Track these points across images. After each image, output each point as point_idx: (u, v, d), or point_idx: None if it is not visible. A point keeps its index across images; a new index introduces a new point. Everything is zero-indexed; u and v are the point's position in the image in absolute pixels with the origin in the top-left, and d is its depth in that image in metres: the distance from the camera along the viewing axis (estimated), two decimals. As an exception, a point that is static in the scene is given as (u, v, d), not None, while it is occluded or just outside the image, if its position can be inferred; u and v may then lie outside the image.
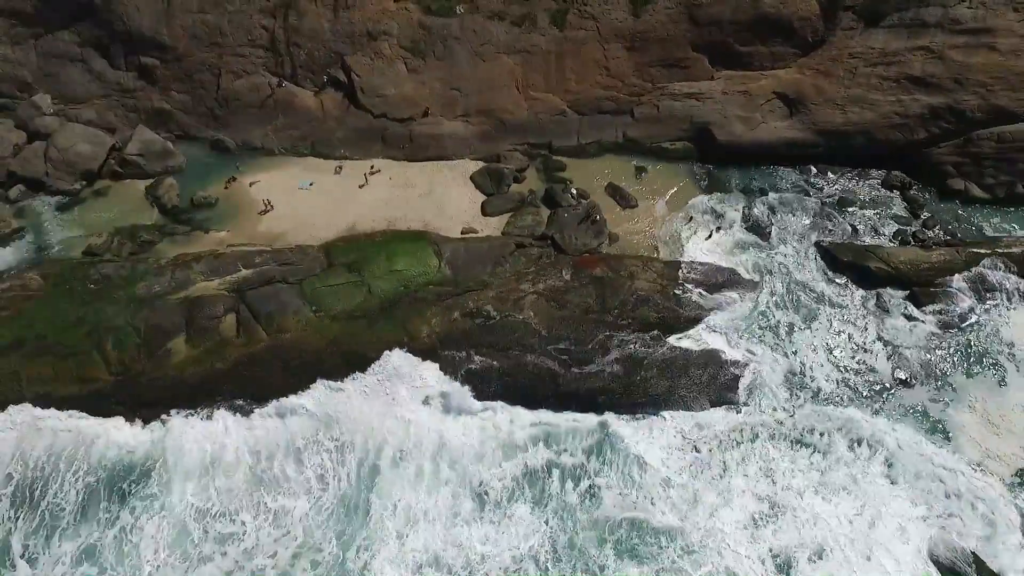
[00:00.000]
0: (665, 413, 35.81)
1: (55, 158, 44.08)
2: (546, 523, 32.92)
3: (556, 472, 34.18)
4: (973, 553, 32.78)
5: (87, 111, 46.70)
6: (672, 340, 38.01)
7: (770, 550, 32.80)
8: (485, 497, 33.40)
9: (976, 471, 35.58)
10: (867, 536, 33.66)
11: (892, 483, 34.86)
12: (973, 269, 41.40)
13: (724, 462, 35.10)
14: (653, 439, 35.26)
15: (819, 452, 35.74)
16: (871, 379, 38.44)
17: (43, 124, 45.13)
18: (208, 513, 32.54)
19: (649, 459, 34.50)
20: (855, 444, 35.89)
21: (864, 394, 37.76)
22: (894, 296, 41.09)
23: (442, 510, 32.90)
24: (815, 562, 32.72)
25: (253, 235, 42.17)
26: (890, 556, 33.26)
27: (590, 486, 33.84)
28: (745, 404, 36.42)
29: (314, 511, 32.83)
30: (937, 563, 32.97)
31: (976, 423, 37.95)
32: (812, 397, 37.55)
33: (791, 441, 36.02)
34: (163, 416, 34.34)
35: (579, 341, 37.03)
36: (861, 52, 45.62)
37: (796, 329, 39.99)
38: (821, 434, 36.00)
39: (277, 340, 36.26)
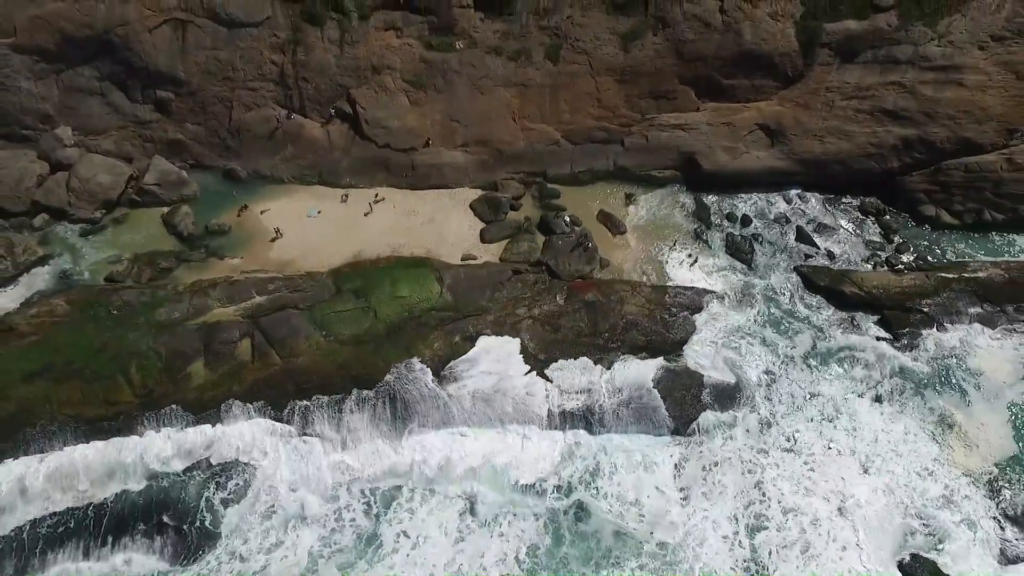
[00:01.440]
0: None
1: (77, 188, 46.53)
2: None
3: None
4: (932, 562, 35.57)
5: (106, 142, 49.12)
6: (659, 361, 40.77)
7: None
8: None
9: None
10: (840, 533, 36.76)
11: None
12: (943, 294, 44.42)
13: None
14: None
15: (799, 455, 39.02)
16: (847, 392, 41.53)
17: (65, 155, 47.52)
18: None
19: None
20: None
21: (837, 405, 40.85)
22: (866, 319, 44.02)
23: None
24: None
25: (265, 262, 44.71)
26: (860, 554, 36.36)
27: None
28: (725, 423, 39.29)
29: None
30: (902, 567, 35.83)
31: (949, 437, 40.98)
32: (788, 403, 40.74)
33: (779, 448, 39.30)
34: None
35: (571, 363, 39.77)
36: (838, 86, 48.33)
37: (776, 349, 42.82)
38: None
39: (290, 364, 38.79)
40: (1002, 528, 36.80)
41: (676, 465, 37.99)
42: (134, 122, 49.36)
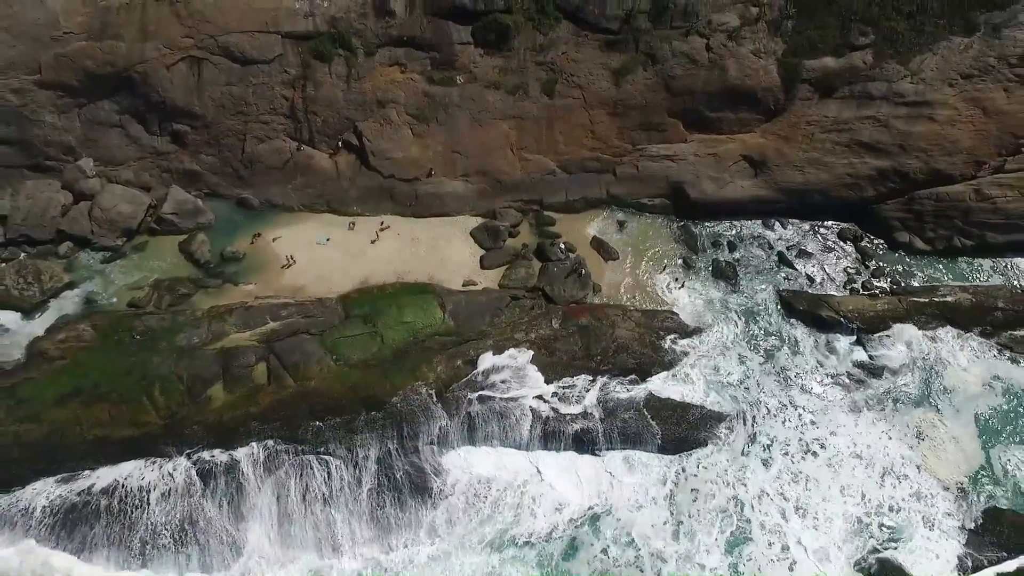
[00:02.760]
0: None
1: (99, 217, 49.18)
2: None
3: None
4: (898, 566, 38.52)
5: (125, 172, 51.77)
6: (648, 383, 43.63)
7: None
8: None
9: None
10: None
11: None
12: (915, 317, 47.34)
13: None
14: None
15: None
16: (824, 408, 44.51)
17: (88, 186, 50.15)
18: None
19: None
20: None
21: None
22: (842, 341, 46.93)
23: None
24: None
25: (278, 288, 47.41)
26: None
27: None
28: (711, 441, 42.17)
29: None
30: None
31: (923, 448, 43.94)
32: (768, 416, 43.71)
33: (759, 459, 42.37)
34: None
35: (566, 386, 42.59)
36: (817, 120, 51.18)
37: (758, 368, 45.72)
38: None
39: (303, 387, 41.49)
40: (963, 535, 39.73)
41: (668, 494, 41.00)
42: (152, 153, 52.06)
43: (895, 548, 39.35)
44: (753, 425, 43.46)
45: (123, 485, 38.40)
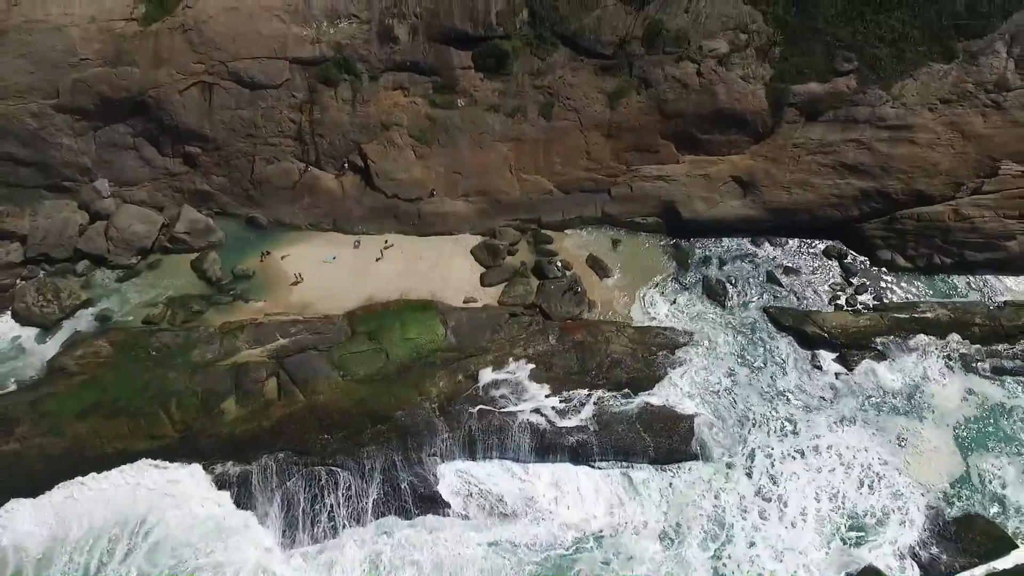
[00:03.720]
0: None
1: (115, 237, 51.23)
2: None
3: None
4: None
5: (139, 192, 53.87)
6: (640, 397, 45.76)
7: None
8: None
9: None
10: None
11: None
12: (896, 333, 49.43)
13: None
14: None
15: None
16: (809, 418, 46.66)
17: (103, 206, 52.23)
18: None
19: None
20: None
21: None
22: (826, 355, 49.08)
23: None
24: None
25: (287, 305, 49.46)
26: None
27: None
28: (697, 456, 44.33)
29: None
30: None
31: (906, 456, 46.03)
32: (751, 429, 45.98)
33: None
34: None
35: (562, 400, 44.76)
36: (803, 142, 53.25)
37: (746, 384, 47.86)
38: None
39: (312, 401, 43.64)
40: (932, 541, 41.89)
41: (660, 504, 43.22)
42: (165, 174, 54.20)
43: (872, 551, 41.51)
44: (741, 436, 45.58)
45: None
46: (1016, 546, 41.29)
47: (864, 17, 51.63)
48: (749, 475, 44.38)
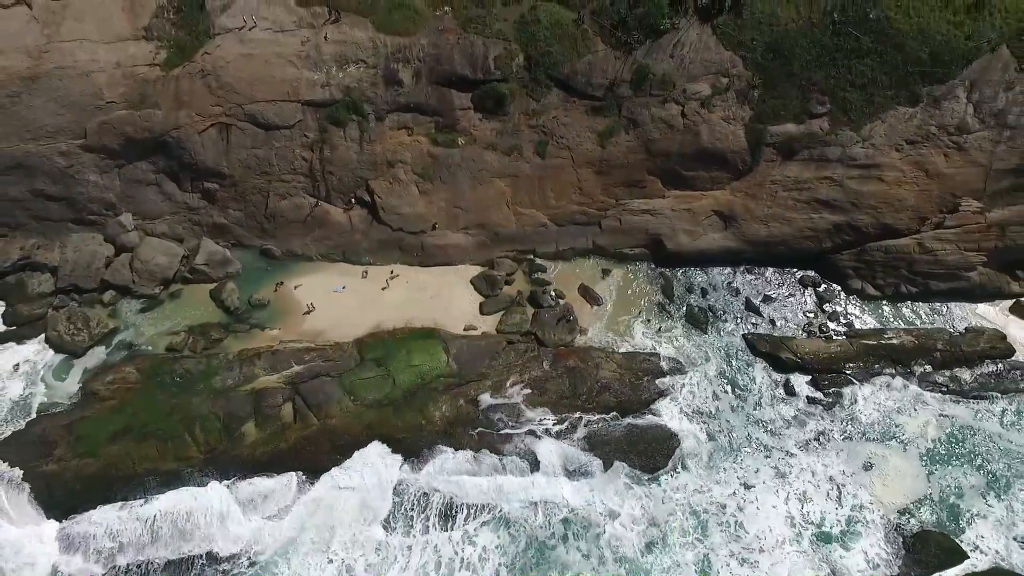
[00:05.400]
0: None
1: (139, 268, 54.84)
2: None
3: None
4: None
5: (160, 225, 57.52)
6: (627, 419, 49.61)
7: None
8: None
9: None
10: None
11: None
12: (864, 359, 53.34)
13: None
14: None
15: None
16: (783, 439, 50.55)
17: (128, 239, 55.80)
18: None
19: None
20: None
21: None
22: (799, 380, 53.02)
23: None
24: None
25: (300, 332, 53.14)
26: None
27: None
28: (677, 471, 48.23)
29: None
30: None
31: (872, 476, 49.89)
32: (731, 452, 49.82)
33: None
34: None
35: (556, 422, 48.64)
36: (780, 179, 56.95)
37: (725, 406, 51.77)
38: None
39: (326, 425, 47.37)
40: (898, 555, 45.86)
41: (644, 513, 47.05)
42: (184, 208, 57.88)
43: (838, 561, 45.49)
44: (719, 455, 49.51)
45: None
46: (967, 556, 45.39)
47: (836, 63, 55.19)
48: (724, 491, 48.24)
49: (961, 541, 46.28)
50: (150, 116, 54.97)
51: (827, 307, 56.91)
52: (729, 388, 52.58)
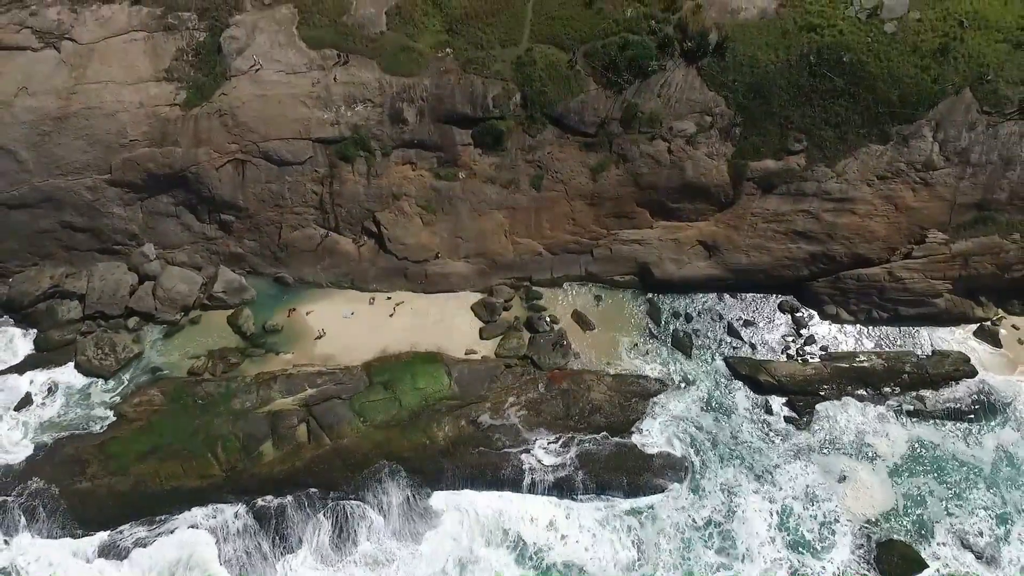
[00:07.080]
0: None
1: (161, 296, 58.61)
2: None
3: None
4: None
5: (180, 254, 61.31)
6: (616, 439, 53.49)
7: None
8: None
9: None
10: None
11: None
12: (837, 381, 57.27)
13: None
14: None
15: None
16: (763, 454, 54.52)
17: (150, 269, 59.57)
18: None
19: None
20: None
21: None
22: (776, 401, 56.97)
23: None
24: None
25: (312, 357, 56.90)
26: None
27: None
28: (664, 489, 52.09)
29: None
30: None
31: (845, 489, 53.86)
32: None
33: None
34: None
35: (550, 442, 52.55)
36: (760, 212, 60.70)
37: (708, 425, 55.71)
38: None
39: (338, 444, 51.17)
40: (864, 563, 49.84)
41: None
42: (202, 239, 61.73)
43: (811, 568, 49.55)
44: (703, 471, 53.45)
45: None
46: (927, 566, 49.41)
47: (812, 103, 59.07)
48: (707, 505, 52.26)
49: (922, 550, 50.28)
50: (171, 153, 58.90)
51: (804, 331, 60.85)
52: (711, 408, 56.47)
